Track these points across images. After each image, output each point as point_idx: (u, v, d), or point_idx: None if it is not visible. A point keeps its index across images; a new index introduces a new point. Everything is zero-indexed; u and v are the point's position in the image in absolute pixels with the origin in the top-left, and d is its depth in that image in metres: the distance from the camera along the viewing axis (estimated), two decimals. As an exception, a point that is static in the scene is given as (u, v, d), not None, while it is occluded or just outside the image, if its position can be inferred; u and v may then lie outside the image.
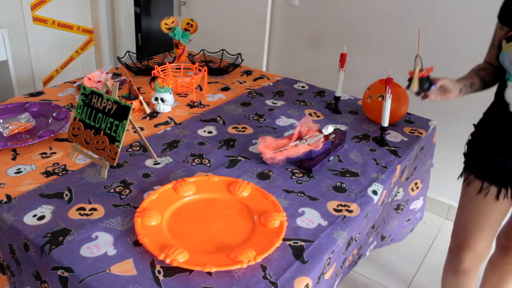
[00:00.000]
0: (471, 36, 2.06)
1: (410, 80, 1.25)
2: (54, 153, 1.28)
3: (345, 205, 1.13)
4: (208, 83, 1.88)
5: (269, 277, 0.89)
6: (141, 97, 1.57)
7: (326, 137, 1.33)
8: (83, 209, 1.05)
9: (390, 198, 1.48)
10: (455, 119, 2.22)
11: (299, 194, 1.16)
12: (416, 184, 1.71)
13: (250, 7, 2.70)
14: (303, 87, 1.92)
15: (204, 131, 1.46)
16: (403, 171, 1.44)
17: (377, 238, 1.75)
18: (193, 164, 1.26)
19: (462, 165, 1.44)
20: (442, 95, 1.31)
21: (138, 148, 1.33)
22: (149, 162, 1.26)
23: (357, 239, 1.18)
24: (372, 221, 1.31)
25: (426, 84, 1.24)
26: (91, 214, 1.03)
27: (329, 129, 1.33)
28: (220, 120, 1.55)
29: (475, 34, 2.04)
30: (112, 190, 1.12)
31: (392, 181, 1.32)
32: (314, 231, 1.03)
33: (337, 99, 1.67)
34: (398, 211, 1.73)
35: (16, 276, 1.05)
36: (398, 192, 1.66)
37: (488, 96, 2.14)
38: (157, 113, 1.57)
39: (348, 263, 1.33)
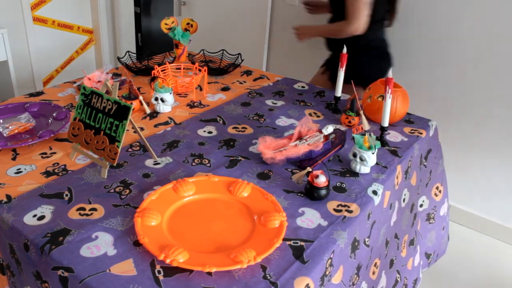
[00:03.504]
0: (471, 35, 2.06)
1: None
2: (54, 153, 1.28)
3: (345, 205, 1.12)
4: (208, 83, 1.88)
5: (269, 277, 0.89)
6: (141, 97, 1.57)
7: (326, 137, 1.33)
8: (83, 209, 1.05)
9: (405, 204, 1.47)
10: (455, 119, 2.22)
11: (299, 194, 1.16)
12: (437, 188, 1.70)
13: (250, 7, 2.71)
14: (303, 87, 1.92)
15: (204, 131, 1.46)
16: (407, 172, 1.43)
17: (422, 257, 1.73)
18: (193, 164, 1.26)
19: (463, 166, 1.44)
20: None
21: (138, 148, 1.33)
22: (149, 162, 1.26)
23: (367, 243, 1.17)
24: (384, 226, 1.30)
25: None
26: (91, 214, 1.03)
27: (329, 129, 1.33)
28: (220, 120, 1.55)
29: (475, 33, 2.04)
30: (112, 190, 1.12)
31: (395, 182, 1.32)
32: (314, 231, 1.03)
33: (337, 99, 1.67)
34: (431, 221, 1.72)
35: (16, 276, 1.05)
36: (423, 201, 1.64)
37: (489, 96, 2.14)
38: (157, 113, 1.57)
39: (375, 276, 1.31)
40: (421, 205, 1.64)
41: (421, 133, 1.56)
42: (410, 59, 2.26)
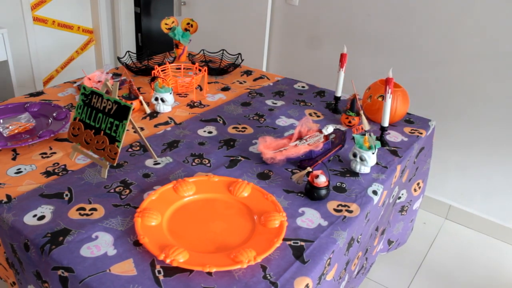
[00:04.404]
0: (471, 34, 2.06)
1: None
2: (54, 153, 1.28)
3: (345, 205, 1.13)
4: (208, 83, 1.88)
5: (269, 277, 0.89)
6: (141, 97, 1.57)
7: (326, 137, 1.33)
8: (83, 209, 1.05)
9: (392, 199, 1.48)
10: (455, 119, 2.22)
11: (299, 194, 1.16)
12: (418, 184, 1.71)
13: (250, 7, 2.70)
14: (303, 87, 1.92)
15: (204, 131, 1.46)
16: (403, 171, 1.44)
17: (384, 242, 1.76)
18: (193, 164, 1.27)
19: (463, 165, 1.44)
20: None
21: (138, 148, 1.33)
22: (149, 162, 1.26)
23: (359, 240, 1.18)
24: (374, 222, 1.31)
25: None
26: (91, 214, 1.03)
27: (329, 129, 1.33)
28: (220, 120, 1.55)
29: (475, 32, 2.04)
30: (112, 190, 1.12)
31: (392, 181, 1.32)
32: (314, 231, 1.03)
33: (337, 99, 1.67)
34: (403, 213, 1.74)
35: (20, 274, 1.06)
36: (402, 194, 1.66)
37: (489, 95, 2.15)
38: (157, 113, 1.57)
39: (354, 267, 1.33)
40: (399, 197, 1.65)
41: (421, 133, 1.56)
42: (410, 59, 2.26)
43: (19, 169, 1.19)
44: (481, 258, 2.16)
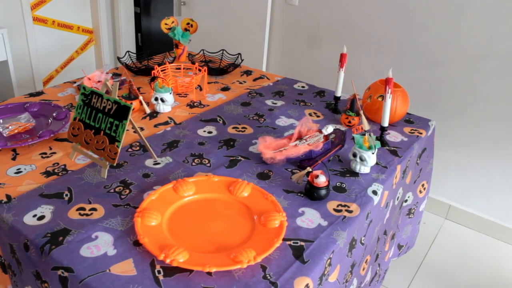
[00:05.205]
0: (471, 34, 2.06)
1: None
2: (54, 153, 1.28)
3: (345, 205, 1.13)
4: (208, 83, 1.88)
5: (269, 277, 0.89)
6: (141, 97, 1.57)
7: (326, 137, 1.33)
8: (83, 209, 1.05)
9: (398, 202, 1.48)
10: (455, 119, 2.22)
11: (299, 194, 1.16)
12: (423, 185, 1.72)
13: (250, 7, 2.71)
14: (303, 87, 1.92)
15: (204, 131, 1.46)
16: (405, 172, 1.44)
17: (395, 247, 1.76)
18: (193, 164, 1.27)
19: (463, 165, 1.44)
20: None
21: (138, 148, 1.33)
22: (149, 162, 1.26)
23: (363, 241, 1.18)
24: (378, 224, 1.31)
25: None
26: (91, 214, 1.03)
27: (329, 129, 1.33)
28: (220, 120, 1.55)
29: (474, 33, 2.04)
30: (112, 190, 1.12)
31: (394, 181, 1.32)
32: (314, 231, 1.03)
33: (337, 99, 1.67)
34: (410, 216, 1.74)
35: (17, 275, 1.06)
36: (408, 197, 1.66)
37: (489, 95, 2.15)
38: (157, 113, 1.57)
39: (364, 271, 1.32)
40: (405, 200, 1.65)
41: (421, 133, 1.56)
42: (410, 59, 2.26)
43: (19, 169, 1.19)
44: (481, 258, 2.16)
